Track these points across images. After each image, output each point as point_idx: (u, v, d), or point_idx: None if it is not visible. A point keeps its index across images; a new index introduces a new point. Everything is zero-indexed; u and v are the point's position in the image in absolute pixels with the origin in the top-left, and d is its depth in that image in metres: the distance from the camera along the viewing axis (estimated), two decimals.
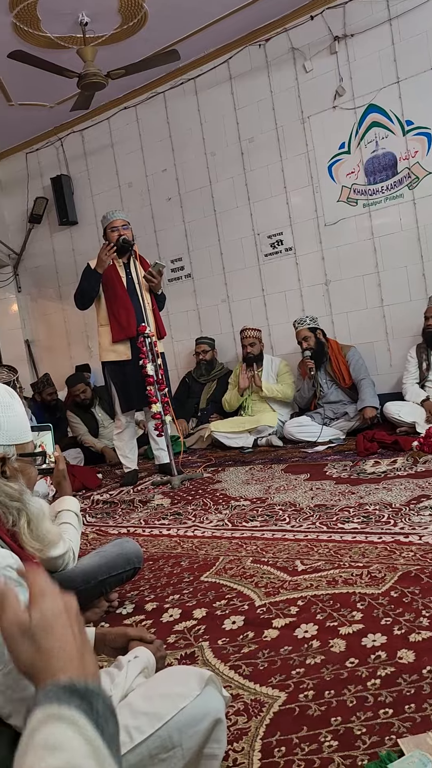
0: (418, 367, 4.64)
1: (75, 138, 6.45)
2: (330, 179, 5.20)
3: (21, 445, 1.21)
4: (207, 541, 2.73)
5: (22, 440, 1.21)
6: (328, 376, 4.84)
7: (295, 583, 2.10)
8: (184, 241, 6.01)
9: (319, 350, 4.79)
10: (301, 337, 4.83)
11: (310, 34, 5.09)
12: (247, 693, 1.50)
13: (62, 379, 6.63)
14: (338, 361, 4.79)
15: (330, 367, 4.82)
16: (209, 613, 1.98)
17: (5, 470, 1.17)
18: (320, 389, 4.86)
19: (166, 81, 5.83)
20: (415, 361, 4.66)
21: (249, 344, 5.15)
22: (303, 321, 4.89)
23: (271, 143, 5.44)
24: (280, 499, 3.23)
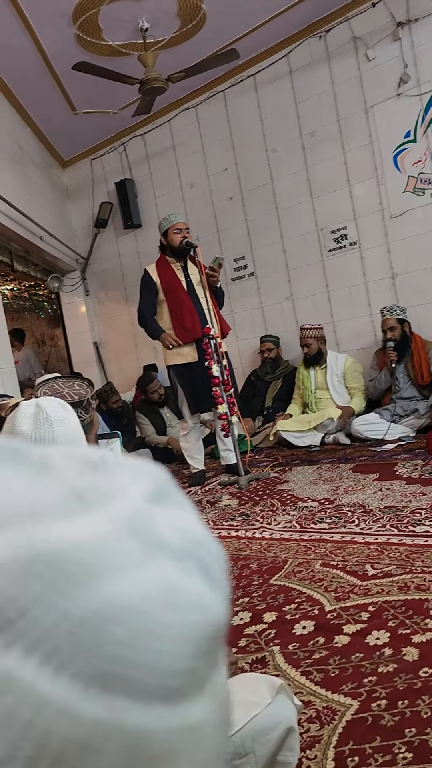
0: None
1: (137, 142, 6.56)
2: (395, 169, 5.07)
3: None
4: (275, 543, 2.73)
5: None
6: (406, 371, 4.72)
7: (366, 588, 2.07)
8: (247, 240, 6.01)
9: (403, 343, 4.68)
10: (388, 326, 4.72)
11: (372, 21, 4.98)
12: (319, 700, 1.50)
13: (130, 379, 6.79)
14: (420, 357, 4.65)
15: (410, 363, 4.70)
16: (279, 617, 1.99)
17: None
18: (396, 383, 4.74)
19: (226, 79, 5.83)
20: None
21: (305, 344, 5.09)
22: (393, 310, 4.76)
23: (333, 136, 5.36)
24: (348, 500, 3.19)
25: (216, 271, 4.20)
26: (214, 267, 4.19)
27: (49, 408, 1.22)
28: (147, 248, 6.53)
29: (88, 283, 7.23)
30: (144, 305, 4.33)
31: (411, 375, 4.70)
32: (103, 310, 7.24)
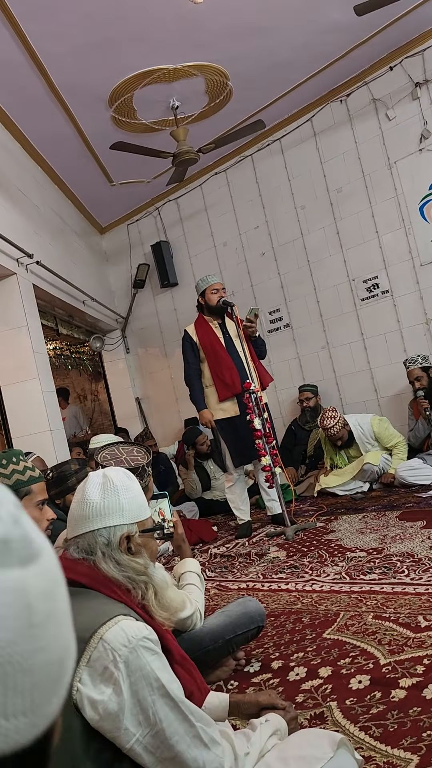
0: None
1: (171, 206, 6.88)
2: (422, 219, 5.21)
3: (141, 522, 1.34)
4: (326, 595, 2.77)
5: (142, 517, 1.34)
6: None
7: (420, 641, 2.10)
8: (281, 293, 6.19)
9: (431, 389, 4.74)
10: (414, 376, 4.80)
11: (391, 83, 5.22)
12: (379, 755, 1.54)
13: (172, 432, 6.94)
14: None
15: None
16: (335, 671, 2.03)
17: (131, 547, 1.30)
18: None
19: (253, 144, 6.13)
20: None
21: (338, 438, 4.94)
22: (415, 360, 4.85)
23: (359, 191, 5.55)
24: (396, 549, 3.21)
25: (253, 321, 4.34)
26: (251, 318, 4.34)
27: (116, 478, 1.33)
28: (183, 305, 6.77)
29: (128, 341, 7.49)
30: (189, 368, 4.49)
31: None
32: (143, 366, 7.46)
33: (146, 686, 1.08)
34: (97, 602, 1.18)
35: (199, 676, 1.42)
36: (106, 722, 1.05)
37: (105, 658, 1.07)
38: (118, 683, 1.06)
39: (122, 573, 1.25)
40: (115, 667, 1.06)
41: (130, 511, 1.31)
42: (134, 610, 1.22)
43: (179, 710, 1.12)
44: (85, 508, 1.29)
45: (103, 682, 1.06)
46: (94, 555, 1.25)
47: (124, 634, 1.09)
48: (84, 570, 1.24)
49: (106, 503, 1.29)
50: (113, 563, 1.25)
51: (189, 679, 1.34)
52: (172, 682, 1.14)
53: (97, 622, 1.10)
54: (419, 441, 4.91)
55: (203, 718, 1.17)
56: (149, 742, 1.08)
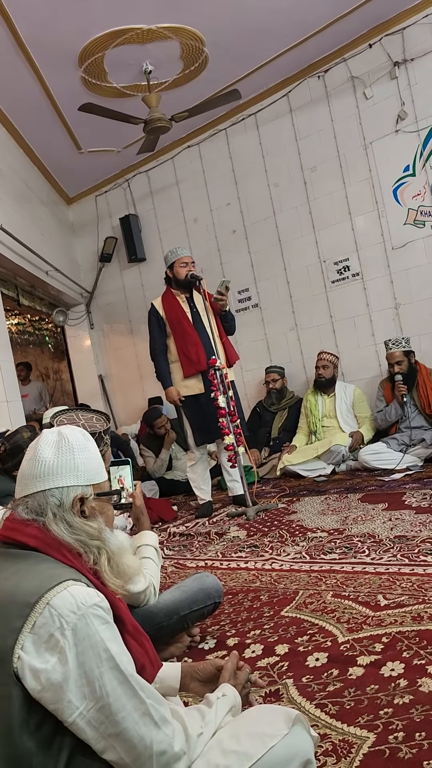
0: None
1: (141, 179, 6.70)
2: (395, 202, 5.16)
3: (97, 484, 1.25)
4: (285, 574, 2.71)
5: (99, 480, 1.25)
6: (413, 400, 4.73)
7: (379, 619, 2.05)
8: (251, 272, 6.09)
9: (411, 375, 4.70)
10: (395, 360, 4.73)
11: (369, 61, 5.13)
12: (335, 733, 1.48)
13: (135, 411, 6.81)
14: (426, 386, 4.66)
15: (417, 393, 4.71)
16: (292, 649, 1.96)
17: (84, 510, 1.21)
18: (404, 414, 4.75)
19: (228, 118, 5.99)
20: None
21: (322, 366, 5.14)
22: (398, 343, 4.76)
23: (333, 171, 5.47)
24: (358, 530, 3.17)
25: (224, 294, 4.22)
26: (221, 291, 4.21)
27: (71, 436, 1.24)
28: (151, 281, 6.61)
29: (92, 316, 7.30)
30: (155, 344, 4.37)
31: (418, 404, 4.70)
32: (107, 343, 7.29)
33: (94, 657, 1.01)
34: (46, 566, 1.10)
35: (152, 649, 1.33)
36: (48, 693, 0.98)
37: (51, 625, 1.00)
38: (64, 652, 0.99)
39: (74, 536, 1.17)
40: (62, 635, 0.99)
41: (86, 473, 1.22)
42: (85, 575, 1.14)
43: (128, 685, 1.04)
44: (37, 467, 1.20)
45: (47, 651, 0.99)
46: (44, 516, 1.17)
47: (73, 600, 1.02)
48: (33, 532, 1.15)
49: (59, 462, 1.20)
50: (64, 525, 1.17)
51: (141, 651, 1.25)
52: (122, 654, 1.06)
53: (45, 587, 1.03)
54: (387, 425, 4.87)
55: (154, 695, 1.10)
56: (93, 717, 1.00)
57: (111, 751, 1.02)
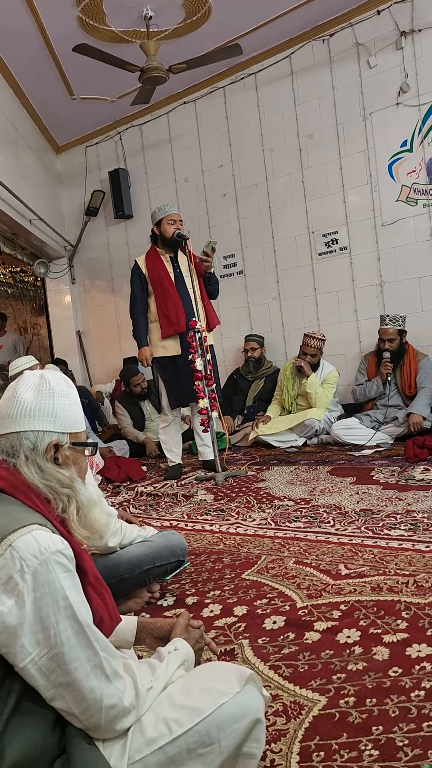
0: None
1: (134, 132, 6.51)
2: (390, 178, 5.09)
3: (74, 434, 1.22)
4: (249, 539, 2.71)
5: (76, 429, 1.22)
6: (395, 380, 4.72)
7: (338, 587, 2.06)
8: (238, 238, 6.00)
9: (399, 354, 4.68)
10: (388, 336, 4.66)
11: (376, 29, 5.00)
12: (287, 694, 1.48)
13: (111, 370, 6.74)
14: (410, 368, 4.64)
15: (400, 372, 4.69)
16: (250, 611, 1.96)
17: (57, 457, 1.18)
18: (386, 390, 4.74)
19: (227, 76, 5.82)
20: None
21: (310, 354, 5.01)
22: (396, 320, 4.69)
23: (330, 140, 5.37)
24: (324, 501, 3.18)
25: (209, 255, 4.14)
26: (207, 252, 4.13)
27: (53, 381, 1.21)
28: (137, 239, 6.48)
29: (74, 270, 7.16)
30: (135, 302, 4.28)
31: (399, 384, 4.70)
32: (88, 299, 7.17)
33: (52, 603, 0.99)
34: (12, 508, 1.08)
35: (112, 602, 1.31)
36: (1, 636, 0.96)
37: (11, 567, 0.98)
38: (22, 596, 0.97)
39: (44, 482, 1.14)
40: (21, 578, 0.97)
41: (64, 420, 1.19)
42: (52, 522, 1.12)
43: (84, 635, 1.03)
44: (14, 407, 1.17)
45: (5, 593, 0.97)
46: (15, 458, 1.14)
47: (36, 545, 0.99)
48: (2, 473, 1.13)
49: (38, 405, 1.17)
50: (36, 469, 1.14)
51: (101, 604, 1.23)
52: (81, 604, 1.05)
53: (9, 528, 1.00)
54: (365, 399, 4.85)
55: (108, 648, 1.09)
56: (45, 664, 0.99)
57: (60, 700, 1.01)
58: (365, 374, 4.88)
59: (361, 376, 4.91)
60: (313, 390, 4.94)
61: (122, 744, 1.10)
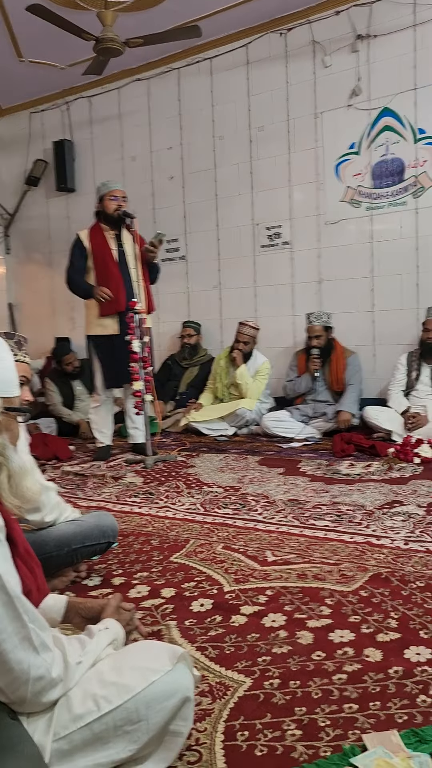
0: (406, 375, 4.63)
1: (82, 103, 6.32)
2: (336, 178, 5.17)
3: (8, 398, 1.17)
4: (178, 522, 2.71)
5: (10, 394, 1.17)
6: (323, 375, 4.82)
7: (265, 573, 2.09)
8: (182, 223, 5.95)
9: (327, 350, 4.77)
10: (314, 333, 4.76)
11: (334, 29, 5.04)
12: (213, 675, 1.49)
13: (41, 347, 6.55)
14: (338, 364, 4.75)
15: (328, 369, 4.80)
16: (178, 593, 1.96)
17: None
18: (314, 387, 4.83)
19: (183, 57, 5.73)
20: (404, 368, 4.64)
21: (243, 341, 5.06)
22: (320, 317, 4.79)
23: (280, 134, 5.39)
24: (253, 489, 3.22)
25: (156, 247, 4.11)
26: (155, 243, 4.10)
27: None
28: (78, 214, 6.30)
29: (10, 240, 6.90)
30: (72, 270, 4.18)
31: (327, 380, 4.81)
32: (22, 272, 6.93)
33: None
34: None
35: (41, 575, 1.28)
36: None
37: None
38: None
39: None
40: None
41: None
42: None
43: (12, 606, 1.00)
44: None
45: None
46: None
47: None
48: None
49: None
50: None
51: (30, 576, 1.20)
52: (9, 574, 1.02)
53: None
54: (295, 395, 4.95)
55: (38, 620, 1.07)
56: None
57: None
58: (296, 371, 4.98)
59: (291, 372, 5.01)
60: (243, 381, 4.99)
61: (47, 719, 1.08)
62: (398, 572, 2.04)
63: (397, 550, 2.26)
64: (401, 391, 4.59)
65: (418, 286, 4.89)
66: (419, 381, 4.54)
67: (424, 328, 4.53)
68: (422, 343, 4.55)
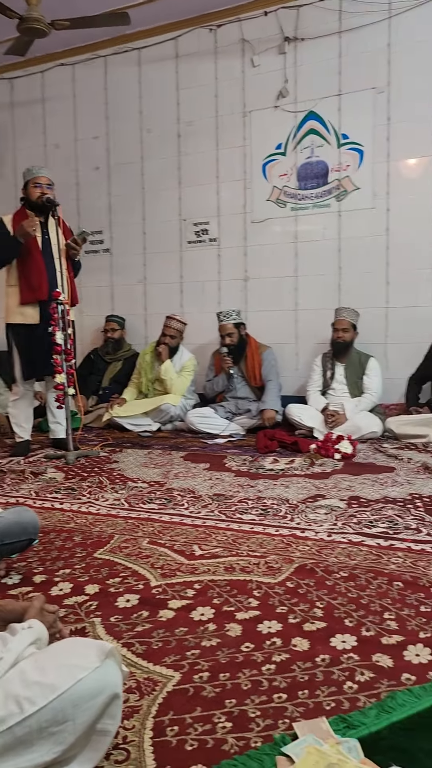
0: (322, 376, 4.75)
1: (3, 85, 6.08)
2: (263, 177, 5.23)
3: None
4: (102, 518, 2.64)
5: None
6: (241, 372, 4.86)
7: (192, 567, 2.07)
8: (107, 215, 5.84)
9: (240, 347, 4.80)
10: (226, 331, 4.81)
11: (262, 29, 5.09)
12: (140, 671, 1.45)
13: None
14: (254, 360, 4.81)
15: (245, 365, 4.84)
16: (102, 589, 1.91)
17: None
18: (231, 384, 4.87)
19: (110, 45, 5.62)
20: (319, 369, 4.77)
21: (170, 336, 5.03)
22: (229, 315, 4.85)
23: (209, 131, 5.39)
24: (178, 484, 3.19)
25: (78, 245, 4.03)
26: (78, 240, 4.01)
27: None
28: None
29: None
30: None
31: (245, 376, 4.86)
32: None
33: None
34: None
35: None
36: None
37: None
38: None
39: None
40: None
41: None
42: None
43: None
44: None
45: None
46: None
47: None
48: None
49: None
50: None
51: None
52: None
53: None
54: (214, 394, 4.99)
55: None
56: None
57: None
58: (213, 370, 5.01)
59: (210, 372, 5.04)
60: (168, 376, 4.96)
61: None
62: (323, 563, 2.07)
63: (321, 542, 2.29)
64: (318, 390, 4.71)
65: (339, 287, 5.02)
66: (334, 380, 4.69)
67: (334, 329, 4.66)
68: (333, 343, 4.68)
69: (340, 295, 5.00)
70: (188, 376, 5.07)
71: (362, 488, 3.05)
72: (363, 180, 4.88)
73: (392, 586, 1.88)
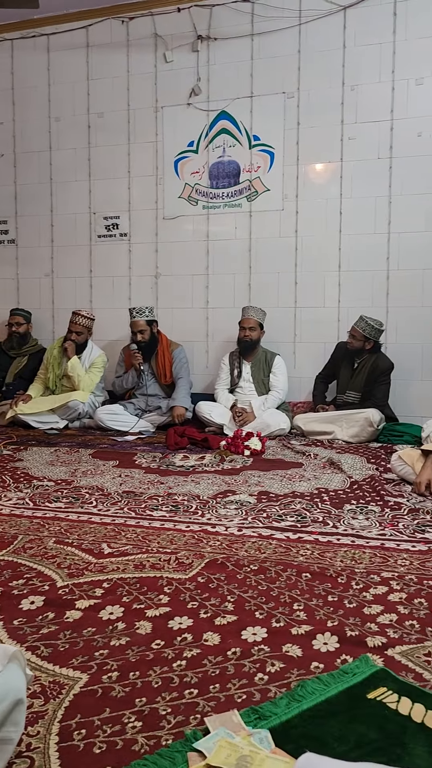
0: (229, 374, 4.79)
1: None
2: (174, 174, 5.20)
3: None
4: (4, 518, 2.52)
5: None
6: (151, 369, 4.81)
7: (101, 566, 2.02)
8: (13, 204, 5.61)
9: (151, 344, 4.75)
10: (137, 328, 4.74)
11: (175, 25, 5.07)
12: (45, 675, 1.39)
13: None
14: (165, 357, 4.78)
15: (155, 362, 4.80)
16: (4, 592, 1.81)
17: None
18: (141, 381, 4.81)
19: (17, 29, 5.41)
20: (227, 368, 4.81)
21: (76, 332, 4.90)
22: (142, 312, 4.77)
23: (120, 124, 5.30)
24: (87, 482, 3.11)
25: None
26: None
27: None
28: None
29: None
30: None
31: (156, 374, 4.82)
32: None
33: None
34: None
35: None
36: None
37: None
38: None
39: None
40: None
41: None
42: None
43: None
44: None
45: None
46: None
47: None
48: None
49: None
50: None
51: None
52: None
53: None
54: (123, 390, 4.92)
55: None
56: None
57: None
58: (123, 366, 4.94)
59: (119, 369, 4.97)
60: (75, 373, 4.84)
61: None
62: (233, 557, 2.08)
63: (232, 536, 2.30)
64: (226, 388, 4.75)
65: (250, 286, 5.09)
66: (242, 378, 4.74)
67: (241, 327, 4.72)
68: (240, 342, 4.74)
69: (251, 294, 5.06)
70: (97, 372, 4.96)
71: (271, 483, 3.09)
72: (273, 182, 4.96)
73: (301, 578, 1.91)
